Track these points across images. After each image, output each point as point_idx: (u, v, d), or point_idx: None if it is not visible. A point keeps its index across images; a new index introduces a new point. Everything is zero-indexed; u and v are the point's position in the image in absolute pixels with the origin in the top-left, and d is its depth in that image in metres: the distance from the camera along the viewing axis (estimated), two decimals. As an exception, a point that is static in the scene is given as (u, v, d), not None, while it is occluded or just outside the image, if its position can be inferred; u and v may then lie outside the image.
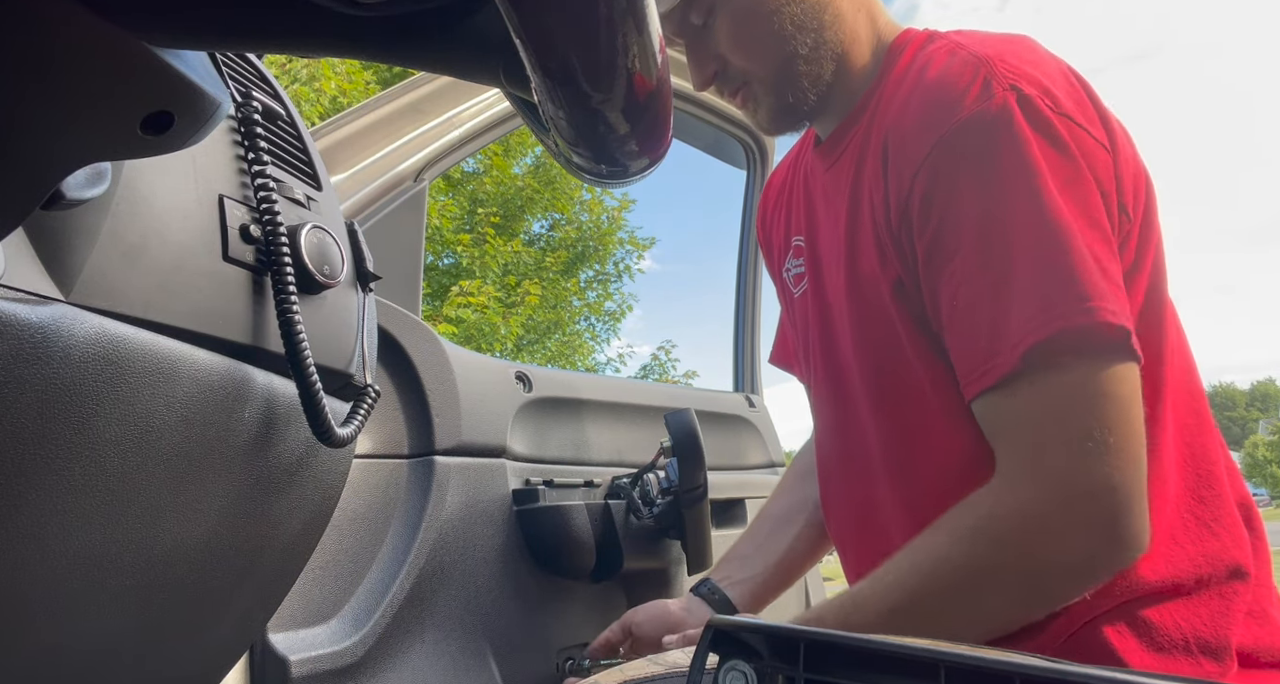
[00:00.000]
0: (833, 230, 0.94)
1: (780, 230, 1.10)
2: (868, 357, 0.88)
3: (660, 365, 11.78)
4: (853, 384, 0.91)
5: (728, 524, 1.54)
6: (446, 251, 9.95)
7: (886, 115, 0.85)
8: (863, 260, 0.87)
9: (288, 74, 6.49)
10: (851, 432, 0.93)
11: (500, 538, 1.11)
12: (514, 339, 9.37)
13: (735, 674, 0.40)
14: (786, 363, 1.20)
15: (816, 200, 0.99)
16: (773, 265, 1.15)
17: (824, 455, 1.02)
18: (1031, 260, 0.73)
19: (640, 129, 0.30)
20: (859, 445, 0.92)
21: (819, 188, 0.98)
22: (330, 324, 0.54)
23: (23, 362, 0.34)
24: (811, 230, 1.00)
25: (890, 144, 0.82)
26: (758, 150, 1.90)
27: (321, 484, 0.59)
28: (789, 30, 0.85)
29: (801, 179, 1.04)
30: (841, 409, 0.94)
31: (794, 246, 1.04)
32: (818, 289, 0.98)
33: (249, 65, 0.57)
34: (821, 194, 0.98)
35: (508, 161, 10.70)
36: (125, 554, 0.43)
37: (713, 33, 0.87)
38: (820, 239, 0.98)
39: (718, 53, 0.88)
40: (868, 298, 0.87)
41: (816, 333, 0.98)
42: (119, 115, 0.29)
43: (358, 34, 0.31)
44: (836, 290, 0.92)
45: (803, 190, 1.03)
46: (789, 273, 1.06)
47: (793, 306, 1.08)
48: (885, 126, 0.84)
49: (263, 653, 0.84)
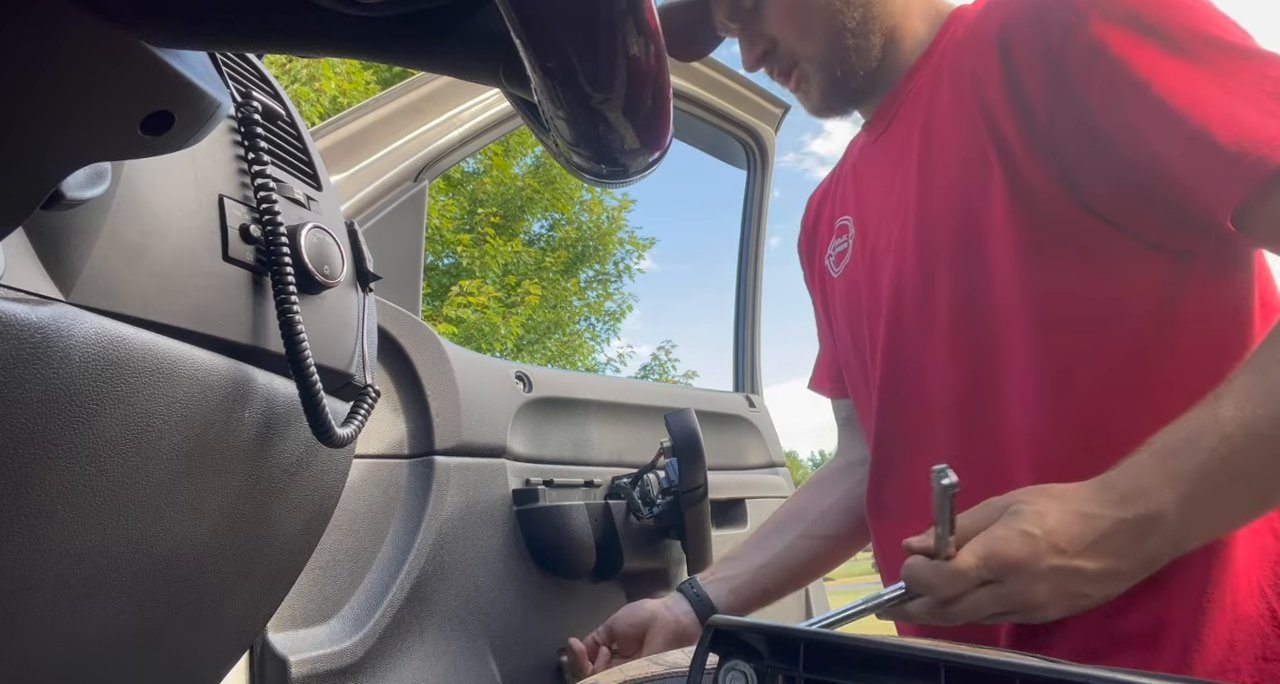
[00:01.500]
0: (900, 177, 0.91)
1: (825, 227, 1.08)
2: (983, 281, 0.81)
3: (660, 365, 11.78)
4: (996, 317, 0.81)
5: (728, 524, 1.54)
6: (446, 251, 9.96)
7: (967, 39, 0.84)
8: (957, 195, 0.82)
9: (288, 74, 6.49)
10: (984, 373, 0.82)
11: (500, 538, 1.11)
12: (514, 339, 9.37)
13: (735, 674, 0.40)
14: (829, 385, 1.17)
15: (863, 175, 0.99)
16: (813, 276, 1.13)
17: (897, 431, 0.92)
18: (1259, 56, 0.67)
19: (640, 129, 0.30)
20: (985, 388, 0.82)
21: (866, 163, 0.99)
22: (330, 324, 0.54)
23: (23, 362, 0.34)
24: (859, 202, 0.99)
25: (1009, 25, 0.79)
26: (758, 150, 1.90)
27: (321, 484, 0.59)
28: (837, 5, 0.88)
29: (846, 172, 1.05)
30: (965, 357, 0.84)
31: (837, 227, 1.03)
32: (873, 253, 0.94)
33: (249, 65, 0.57)
34: (870, 165, 0.98)
35: (508, 161, 10.71)
36: (125, 554, 0.43)
37: (762, 13, 0.90)
38: (870, 201, 0.97)
39: (768, 33, 0.91)
40: (982, 224, 0.80)
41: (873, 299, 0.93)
42: (119, 115, 0.29)
43: (358, 34, 0.31)
44: (932, 229, 0.85)
45: (849, 178, 1.03)
46: (830, 258, 1.04)
47: (832, 296, 1.05)
48: (983, 38, 0.81)
49: (263, 653, 0.84)
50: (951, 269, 0.83)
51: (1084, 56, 0.72)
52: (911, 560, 0.66)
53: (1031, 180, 0.77)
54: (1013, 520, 0.63)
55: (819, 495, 1.11)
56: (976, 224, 0.81)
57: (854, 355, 1.01)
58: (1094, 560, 0.61)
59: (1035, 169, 0.77)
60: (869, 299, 0.94)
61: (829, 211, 1.08)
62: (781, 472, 1.74)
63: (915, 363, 0.88)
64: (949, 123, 0.84)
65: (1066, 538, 0.61)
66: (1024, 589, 0.62)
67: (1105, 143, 0.73)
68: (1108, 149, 0.73)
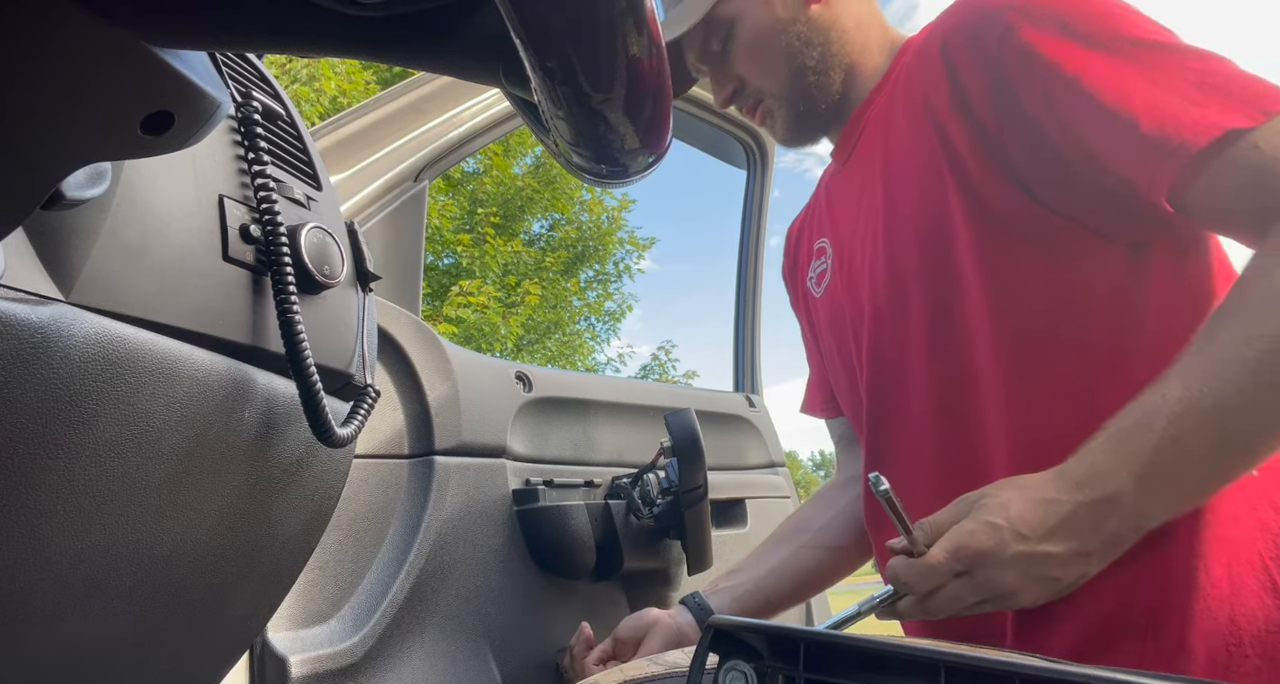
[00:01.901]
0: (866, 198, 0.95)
1: (805, 251, 1.14)
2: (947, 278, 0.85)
3: (660, 365, 11.78)
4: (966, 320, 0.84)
5: (728, 524, 1.54)
6: (446, 251, 9.96)
7: (915, 63, 0.90)
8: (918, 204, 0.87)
9: (288, 74, 6.49)
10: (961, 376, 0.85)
11: (500, 538, 1.11)
12: (514, 339, 9.37)
13: (735, 674, 0.40)
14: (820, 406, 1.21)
15: (835, 199, 1.06)
16: (798, 299, 1.18)
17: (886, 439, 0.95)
18: (1182, 54, 0.71)
19: (640, 129, 0.30)
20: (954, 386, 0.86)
21: (836, 188, 1.05)
22: (330, 324, 0.54)
23: (23, 362, 0.34)
24: (834, 224, 1.04)
25: (950, 44, 0.83)
26: (758, 150, 1.90)
27: (321, 484, 0.59)
28: (796, 46, 0.95)
29: (820, 198, 1.11)
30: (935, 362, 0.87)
31: (816, 250, 1.08)
32: (850, 270, 0.98)
33: (249, 65, 0.57)
34: (840, 189, 1.04)
35: (508, 161, 10.70)
36: (125, 554, 0.43)
37: (730, 56, 0.97)
38: (843, 223, 1.01)
39: (736, 73, 0.98)
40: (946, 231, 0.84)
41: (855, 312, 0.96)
42: (119, 115, 0.29)
43: (358, 34, 0.31)
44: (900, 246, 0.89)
45: (823, 204, 1.09)
46: (811, 280, 1.09)
47: (816, 315, 1.09)
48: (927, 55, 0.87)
49: (263, 653, 0.84)
50: (921, 277, 0.87)
51: (1019, 62, 0.77)
52: (892, 561, 0.70)
53: (986, 185, 0.81)
54: (979, 513, 0.67)
55: (821, 509, 1.14)
56: (940, 232, 0.85)
57: (842, 371, 1.04)
58: (1058, 544, 0.65)
59: (988, 175, 0.81)
60: (851, 314, 0.98)
61: (808, 237, 1.13)
62: (782, 472, 1.74)
63: (897, 371, 0.91)
64: (905, 141, 0.89)
65: (1029, 525, 0.65)
66: (995, 577, 0.65)
67: (1047, 142, 0.76)
68: (1050, 148, 0.76)
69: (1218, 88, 0.69)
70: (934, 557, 0.66)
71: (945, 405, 0.86)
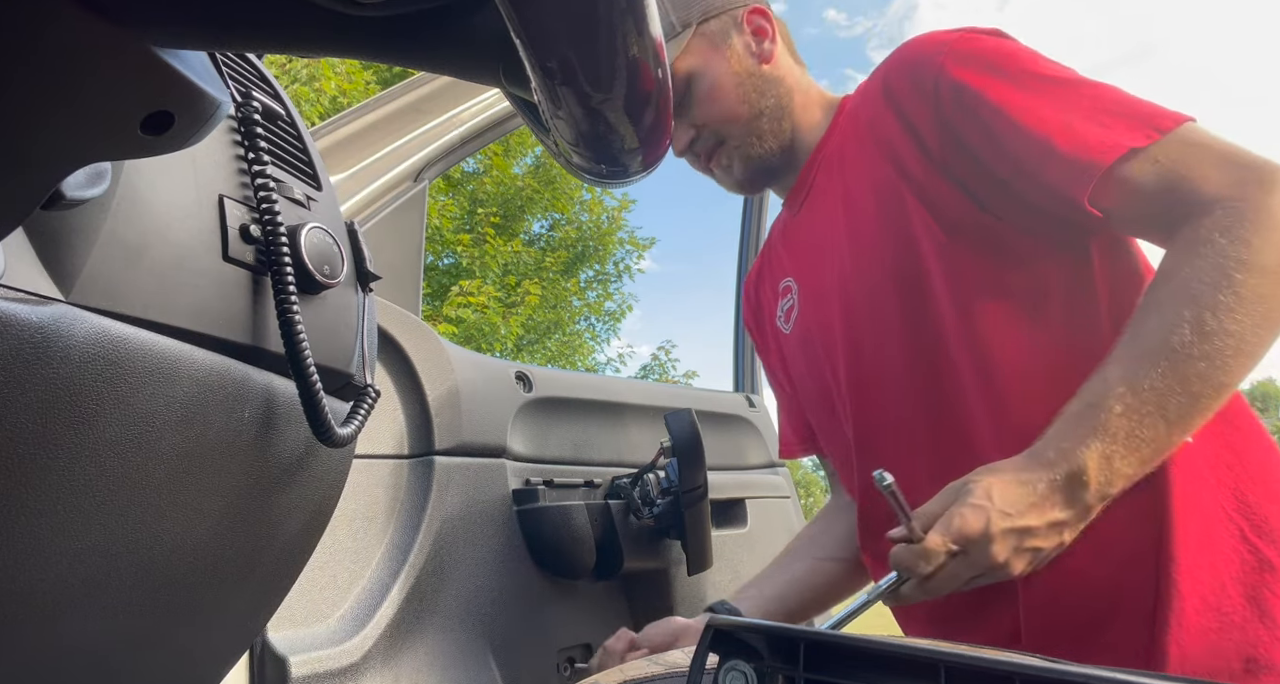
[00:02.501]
0: (827, 231, 1.02)
1: (768, 295, 1.18)
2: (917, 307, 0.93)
3: (660, 365, 11.79)
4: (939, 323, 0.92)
5: (728, 524, 1.54)
6: (446, 251, 9.96)
7: (860, 105, 1.00)
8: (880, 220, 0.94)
9: (288, 74, 6.49)
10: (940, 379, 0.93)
11: (500, 538, 1.11)
12: (514, 339, 9.38)
13: (735, 674, 0.40)
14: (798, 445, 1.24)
15: (793, 243, 1.12)
16: (765, 344, 1.22)
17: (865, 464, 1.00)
18: (1092, 88, 0.84)
19: (640, 129, 0.30)
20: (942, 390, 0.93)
21: (792, 233, 1.12)
22: (330, 324, 0.54)
23: (23, 362, 0.34)
24: (796, 263, 1.10)
25: (891, 83, 0.95)
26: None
27: (321, 484, 0.59)
28: (753, 95, 1.03)
29: (776, 246, 1.17)
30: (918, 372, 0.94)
31: (781, 290, 1.13)
32: (819, 296, 1.04)
33: (249, 65, 0.57)
34: (796, 233, 1.11)
35: (508, 161, 10.71)
36: (125, 554, 0.43)
37: (688, 107, 1.03)
38: (805, 259, 1.08)
39: (693, 123, 1.04)
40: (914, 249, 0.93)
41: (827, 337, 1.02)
42: (119, 115, 0.29)
43: (358, 34, 0.31)
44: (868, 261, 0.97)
45: (780, 249, 1.15)
46: (780, 318, 1.14)
47: (789, 351, 1.13)
48: (871, 96, 0.98)
49: (263, 653, 0.84)
50: (892, 283, 0.94)
51: (953, 94, 0.88)
52: (894, 548, 0.76)
53: (940, 196, 0.91)
54: (966, 498, 0.75)
55: (829, 524, 1.18)
56: (903, 240, 0.93)
57: (820, 402, 1.08)
58: (1037, 517, 0.73)
59: (940, 186, 0.91)
60: (824, 340, 1.04)
61: (769, 281, 1.19)
62: (781, 472, 1.74)
63: (878, 385, 0.97)
64: (861, 171, 0.98)
65: (1010, 503, 0.73)
66: (985, 553, 0.73)
67: (982, 161, 0.88)
68: (986, 165, 0.88)
69: (1118, 113, 0.82)
70: (931, 541, 0.73)
71: (928, 407, 0.93)
